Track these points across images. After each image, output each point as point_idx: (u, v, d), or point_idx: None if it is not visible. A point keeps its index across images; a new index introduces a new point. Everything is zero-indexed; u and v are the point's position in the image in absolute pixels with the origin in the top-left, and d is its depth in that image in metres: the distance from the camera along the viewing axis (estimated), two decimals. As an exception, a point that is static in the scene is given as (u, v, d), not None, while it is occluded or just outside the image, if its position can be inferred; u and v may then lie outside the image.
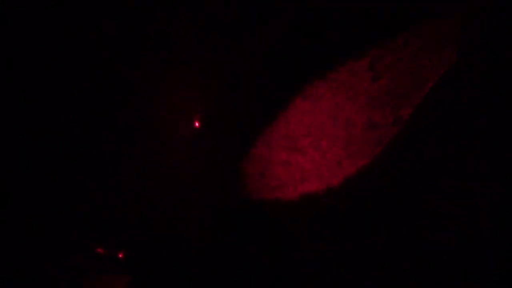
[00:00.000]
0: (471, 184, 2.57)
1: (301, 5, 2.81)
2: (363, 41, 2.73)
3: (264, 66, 2.90)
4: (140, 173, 2.99)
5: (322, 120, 2.78)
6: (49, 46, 2.98)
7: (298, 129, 2.84)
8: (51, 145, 3.00)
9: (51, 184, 2.99)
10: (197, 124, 2.85)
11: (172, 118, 2.99)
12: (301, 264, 2.69)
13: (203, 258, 2.78)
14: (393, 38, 2.68)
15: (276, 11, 2.85)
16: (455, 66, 2.60)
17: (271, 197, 2.86)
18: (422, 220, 2.62)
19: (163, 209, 2.95)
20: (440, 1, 2.63)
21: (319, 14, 2.80)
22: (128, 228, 2.95)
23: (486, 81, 2.56)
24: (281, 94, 2.88)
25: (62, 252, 2.90)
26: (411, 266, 2.61)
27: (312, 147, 2.80)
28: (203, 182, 2.95)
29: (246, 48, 2.91)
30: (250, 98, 2.93)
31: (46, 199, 2.98)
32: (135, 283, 2.75)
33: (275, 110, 2.90)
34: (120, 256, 2.82)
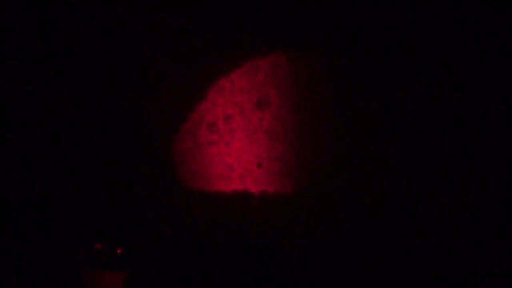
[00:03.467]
0: (470, 184, 2.57)
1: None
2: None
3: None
4: (139, 170, 2.99)
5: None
6: (48, 45, 3.00)
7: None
8: (50, 142, 3.00)
9: (50, 180, 2.99)
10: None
11: (169, 116, 2.99)
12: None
13: (201, 254, 2.79)
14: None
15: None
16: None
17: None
18: (421, 220, 2.62)
19: (162, 205, 2.95)
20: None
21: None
22: (126, 224, 2.96)
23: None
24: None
25: (61, 248, 2.91)
26: (409, 266, 2.61)
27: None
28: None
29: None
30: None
31: (45, 196, 2.98)
32: (133, 279, 2.75)
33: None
34: (119, 251, 2.83)
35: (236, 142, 2.86)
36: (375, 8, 2.67)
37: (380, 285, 2.63)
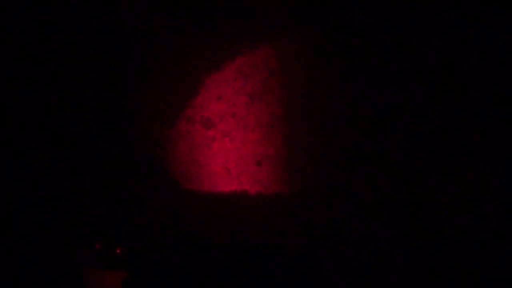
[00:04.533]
0: (470, 184, 2.56)
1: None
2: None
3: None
4: (138, 170, 2.99)
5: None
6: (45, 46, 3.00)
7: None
8: (50, 142, 3.00)
9: (50, 180, 2.99)
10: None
11: (168, 116, 2.98)
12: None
13: (200, 254, 2.79)
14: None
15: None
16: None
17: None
18: (421, 220, 2.62)
19: (161, 205, 2.95)
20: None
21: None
22: (126, 224, 2.96)
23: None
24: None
25: (61, 248, 2.91)
26: (409, 266, 2.61)
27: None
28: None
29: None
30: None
31: (45, 196, 2.98)
32: (133, 279, 2.75)
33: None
34: (118, 251, 2.83)
35: (235, 140, 2.86)
36: (375, 8, 2.67)
37: (380, 285, 2.63)
